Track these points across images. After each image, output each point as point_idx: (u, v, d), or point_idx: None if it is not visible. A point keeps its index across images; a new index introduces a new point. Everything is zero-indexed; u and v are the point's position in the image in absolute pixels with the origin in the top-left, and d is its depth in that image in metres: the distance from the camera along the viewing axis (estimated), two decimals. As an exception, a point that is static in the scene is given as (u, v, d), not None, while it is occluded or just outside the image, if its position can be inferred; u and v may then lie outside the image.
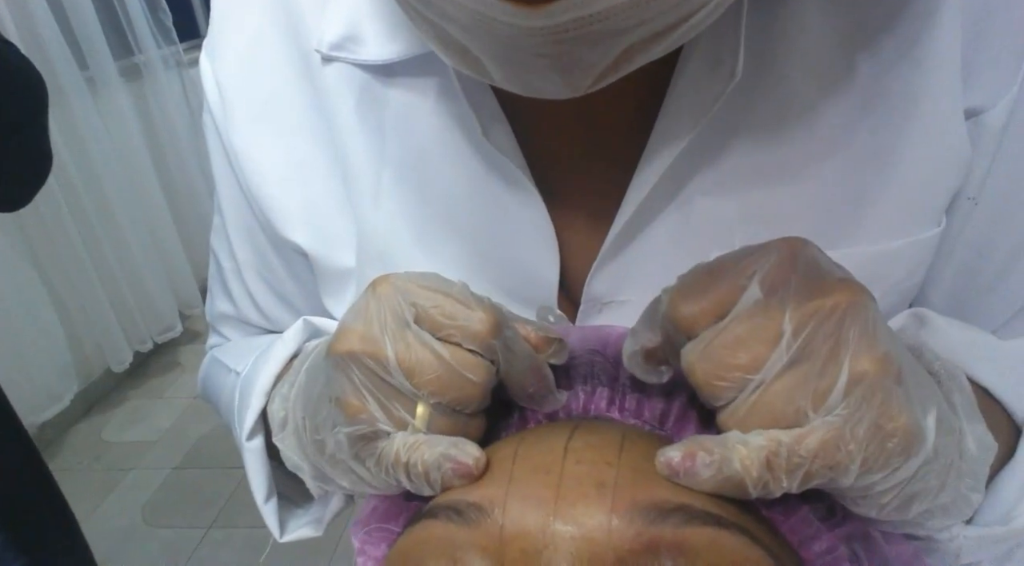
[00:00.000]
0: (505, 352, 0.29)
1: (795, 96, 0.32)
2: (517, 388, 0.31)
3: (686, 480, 0.25)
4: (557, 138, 0.36)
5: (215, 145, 0.44)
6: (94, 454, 2.07)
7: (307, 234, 0.41)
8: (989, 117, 0.33)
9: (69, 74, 2.07)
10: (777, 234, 0.33)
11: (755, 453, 0.24)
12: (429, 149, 0.37)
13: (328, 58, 0.37)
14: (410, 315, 0.27)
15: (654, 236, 0.35)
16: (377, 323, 0.27)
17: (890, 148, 0.33)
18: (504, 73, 0.27)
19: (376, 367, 0.27)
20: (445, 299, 0.28)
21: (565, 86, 0.27)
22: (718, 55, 0.31)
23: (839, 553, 0.28)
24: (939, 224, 0.35)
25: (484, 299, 0.29)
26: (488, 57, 0.26)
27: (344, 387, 0.28)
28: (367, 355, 0.27)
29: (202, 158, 2.69)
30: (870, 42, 0.32)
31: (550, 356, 0.31)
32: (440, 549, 0.27)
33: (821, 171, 0.33)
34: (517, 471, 0.28)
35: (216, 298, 0.51)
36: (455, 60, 0.28)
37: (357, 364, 0.27)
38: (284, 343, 0.39)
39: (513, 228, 0.36)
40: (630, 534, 0.25)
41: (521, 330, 0.30)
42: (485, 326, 0.27)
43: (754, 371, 0.24)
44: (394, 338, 0.27)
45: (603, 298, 0.36)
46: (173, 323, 2.48)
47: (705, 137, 0.33)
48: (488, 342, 0.28)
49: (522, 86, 0.27)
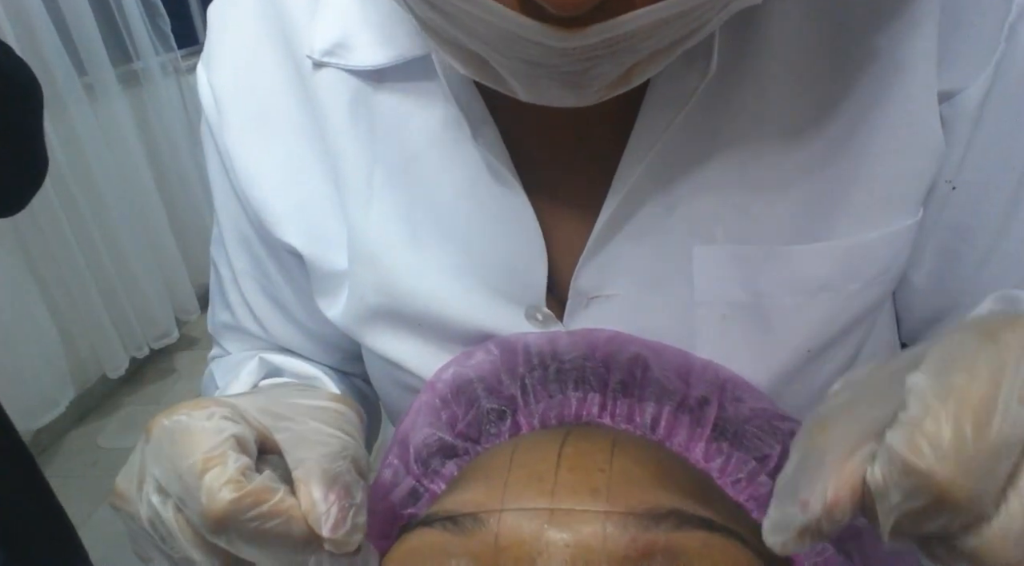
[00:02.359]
0: (246, 546, 0.25)
1: (771, 92, 0.33)
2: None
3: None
4: (543, 139, 0.36)
5: (212, 155, 0.44)
6: (90, 460, 2.06)
7: (301, 235, 0.42)
8: (963, 98, 0.33)
9: (67, 80, 2.06)
10: (759, 225, 0.34)
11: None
12: (419, 151, 0.37)
13: (319, 64, 0.38)
14: (151, 485, 0.26)
15: (638, 230, 0.35)
16: (132, 481, 0.27)
17: (865, 142, 0.33)
18: (524, 86, 0.27)
19: (133, 523, 0.27)
20: (178, 477, 0.25)
21: (578, 98, 0.27)
22: (694, 52, 0.31)
23: (829, 554, 0.28)
24: (916, 215, 0.35)
25: (228, 472, 0.24)
26: (509, 72, 0.26)
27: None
28: (126, 513, 0.27)
29: (200, 165, 2.68)
30: (846, 39, 0.32)
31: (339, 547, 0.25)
32: (434, 557, 0.27)
33: (798, 165, 0.33)
34: (512, 478, 0.28)
35: (216, 308, 0.51)
36: (472, 71, 0.28)
37: (122, 514, 0.28)
38: (239, 382, 0.40)
39: (501, 228, 0.37)
40: (624, 540, 0.25)
41: (306, 507, 0.25)
42: (206, 522, 0.24)
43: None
44: (142, 501, 0.26)
45: (589, 293, 0.36)
46: (169, 329, 2.47)
47: (685, 132, 0.33)
48: (206, 542, 0.25)
49: (533, 96, 0.27)
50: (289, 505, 0.25)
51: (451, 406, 0.36)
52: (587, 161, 0.36)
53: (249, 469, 0.25)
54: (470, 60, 0.27)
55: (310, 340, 0.49)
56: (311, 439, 0.27)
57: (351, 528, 0.25)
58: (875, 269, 0.35)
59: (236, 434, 0.26)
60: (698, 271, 0.35)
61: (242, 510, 0.24)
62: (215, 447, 0.25)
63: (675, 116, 0.32)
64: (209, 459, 0.24)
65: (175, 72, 2.62)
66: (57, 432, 2.13)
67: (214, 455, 0.25)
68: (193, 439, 0.25)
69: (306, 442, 0.27)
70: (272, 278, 0.46)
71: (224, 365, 0.50)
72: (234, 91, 0.42)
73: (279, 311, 0.48)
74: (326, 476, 0.25)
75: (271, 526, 0.24)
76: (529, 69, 0.25)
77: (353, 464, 0.27)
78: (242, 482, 0.24)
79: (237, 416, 0.27)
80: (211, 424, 0.26)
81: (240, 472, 0.24)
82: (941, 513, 0.18)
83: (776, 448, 0.32)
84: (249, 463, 0.25)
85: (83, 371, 2.22)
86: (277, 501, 0.24)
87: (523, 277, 0.37)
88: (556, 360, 0.35)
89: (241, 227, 0.45)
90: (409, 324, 0.40)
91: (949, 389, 0.18)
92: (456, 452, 0.35)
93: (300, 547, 0.25)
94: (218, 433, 0.25)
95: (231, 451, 0.25)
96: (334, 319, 0.43)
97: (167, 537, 0.26)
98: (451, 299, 0.38)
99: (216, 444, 0.25)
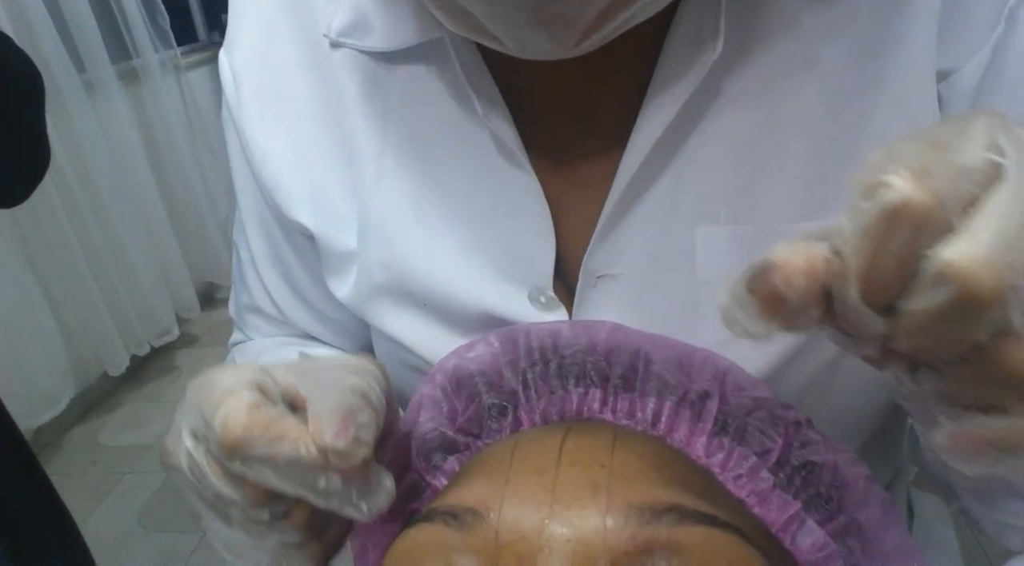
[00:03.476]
0: (261, 470, 0.26)
1: (777, 74, 0.33)
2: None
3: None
4: (552, 120, 0.37)
5: (232, 138, 0.45)
6: (91, 458, 2.07)
7: (312, 215, 0.42)
8: (960, 77, 0.33)
9: (67, 77, 2.06)
10: (760, 206, 0.34)
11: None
12: (430, 131, 0.38)
13: (336, 43, 0.39)
14: (185, 433, 0.28)
15: (644, 210, 0.35)
16: (173, 437, 0.29)
17: (867, 120, 0.33)
18: (506, 35, 0.28)
19: (179, 477, 0.29)
20: (201, 417, 0.27)
21: (554, 44, 0.28)
22: (700, 33, 0.32)
23: (831, 550, 0.28)
24: None
25: (238, 407, 0.26)
26: (490, 21, 0.28)
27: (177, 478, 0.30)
28: (172, 467, 0.29)
29: (200, 161, 2.69)
30: (849, 19, 0.32)
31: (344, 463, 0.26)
32: (435, 553, 0.27)
33: (802, 145, 0.34)
34: (513, 474, 0.28)
35: (237, 290, 0.53)
36: (459, 26, 0.30)
37: (170, 472, 0.29)
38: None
39: (510, 209, 0.37)
40: (625, 535, 0.25)
41: (314, 432, 0.26)
42: (223, 449, 0.26)
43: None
44: (182, 452, 0.28)
45: (597, 271, 0.37)
46: (170, 327, 2.47)
47: (691, 112, 0.34)
48: (230, 475, 0.27)
49: (517, 45, 0.29)
50: (299, 432, 0.26)
51: (452, 399, 0.36)
52: (595, 143, 0.37)
53: (263, 404, 0.27)
54: (458, 15, 0.29)
55: (323, 324, 0.50)
56: (328, 382, 0.28)
57: (353, 441, 0.26)
58: None
59: (255, 379, 0.28)
60: (701, 251, 0.35)
61: (254, 436, 0.25)
62: (232, 386, 0.27)
63: (683, 96, 0.33)
64: (226, 395, 0.26)
65: (175, 69, 2.62)
66: (58, 430, 2.13)
67: (229, 392, 0.27)
68: (216, 384, 0.27)
69: (323, 384, 0.28)
70: (287, 261, 0.47)
71: (247, 352, 0.51)
72: (251, 71, 0.42)
73: (294, 294, 0.49)
74: (332, 403, 0.27)
75: (282, 450, 0.25)
76: (492, 8, 0.27)
77: (362, 399, 0.28)
78: (254, 412, 0.26)
79: (262, 371, 0.29)
80: (234, 372, 0.28)
81: (252, 405, 0.26)
82: (905, 225, 0.18)
83: (778, 442, 0.32)
84: (263, 400, 0.27)
85: (84, 369, 2.22)
86: (287, 427, 0.26)
87: (531, 258, 0.38)
88: (557, 354, 0.35)
89: (260, 210, 0.46)
90: (415, 303, 0.40)
91: (912, 135, 0.19)
92: (457, 447, 0.35)
93: (311, 469, 0.26)
94: (238, 377, 0.27)
95: (246, 389, 0.27)
96: (343, 299, 0.43)
97: (201, 478, 0.28)
98: (457, 279, 0.39)
99: (234, 384, 0.27)
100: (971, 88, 0.33)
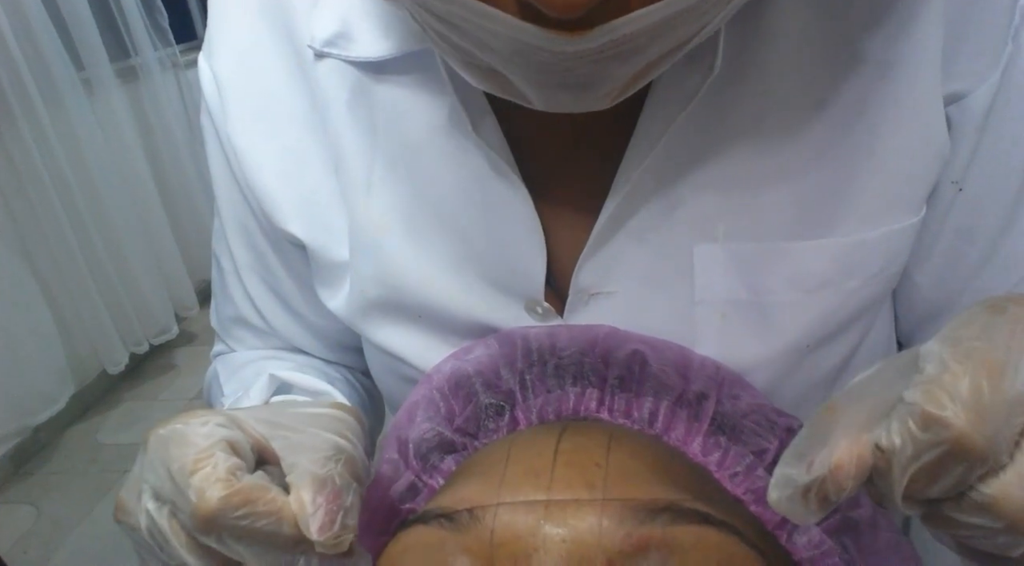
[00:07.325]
0: (235, 546, 0.25)
1: (774, 90, 0.33)
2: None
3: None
4: (544, 133, 0.36)
5: (213, 147, 0.44)
6: (89, 456, 2.06)
7: (303, 225, 0.42)
8: (972, 101, 0.33)
9: (65, 75, 2.06)
10: (758, 226, 0.34)
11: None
12: (419, 143, 0.37)
13: (320, 54, 0.38)
14: (147, 493, 0.26)
15: (639, 228, 0.35)
16: (132, 492, 0.27)
17: (866, 140, 0.33)
18: (537, 95, 0.27)
19: (136, 535, 0.27)
20: (170, 480, 0.25)
21: (589, 102, 0.27)
22: (699, 51, 0.31)
23: (827, 547, 0.28)
24: (918, 213, 0.35)
25: (218, 474, 0.24)
26: (521, 81, 0.26)
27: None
28: (128, 526, 0.27)
29: (198, 160, 2.68)
30: (851, 39, 0.32)
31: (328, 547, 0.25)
32: (430, 554, 0.27)
33: (801, 164, 0.33)
34: (508, 474, 0.28)
35: (219, 302, 0.51)
36: (486, 84, 0.28)
37: (125, 527, 0.28)
38: (248, 400, 0.39)
39: (501, 222, 0.37)
40: (620, 535, 0.25)
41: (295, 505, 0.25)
42: (196, 521, 0.24)
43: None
44: (140, 510, 0.26)
45: (590, 289, 0.36)
46: (169, 325, 2.46)
47: (688, 130, 0.33)
48: (199, 545, 0.25)
49: (550, 105, 0.27)
50: (280, 504, 0.24)
51: (449, 400, 0.36)
52: (589, 157, 0.36)
53: (240, 470, 0.25)
54: (484, 74, 0.27)
55: (311, 333, 0.49)
56: (306, 444, 0.27)
57: (340, 530, 0.25)
58: (875, 267, 0.35)
59: (228, 438, 0.26)
60: (699, 270, 0.35)
61: (231, 508, 0.24)
62: (205, 449, 0.25)
63: (678, 113, 0.32)
64: (199, 459, 0.24)
65: (173, 67, 2.61)
66: (57, 428, 2.13)
67: (204, 456, 0.25)
68: (186, 443, 0.25)
69: (300, 447, 0.27)
70: (274, 270, 0.46)
71: (229, 364, 0.50)
72: (236, 79, 0.42)
73: (281, 304, 0.48)
74: (316, 479, 0.25)
75: (261, 525, 0.24)
76: (540, 77, 0.25)
77: (347, 467, 0.26)
78: (231, 481, 0.24)
79: (232, 424, 0.27)
80: (204, 429, 0.26)
81: (230, 472, 0.24)
82: (958, 462, 0.19)
83: (774, 443, 0.32)
84: (240, 464, 0.25)
85: (83, 367, 2.22)
86: (267, 500, 0.24)
87: (522, 271, 0.37)
88: (555, 355, 0.35)
89: (243, 219, 0.45)
90: (409, 316, 0.40)
91: (965, 350, 0.20)
92: (454, 447, 0.35)
93: (290, 547, 0.25)
94: (209, 436, 0.25)
95: (221, 452, 0.25)
96: (335, 310, 0.43)
97: (163, 544, 0.26)
98: (450, 292, 0.38)
99: (207, 446, 0.25)
100: (982, 111, 0.33)
